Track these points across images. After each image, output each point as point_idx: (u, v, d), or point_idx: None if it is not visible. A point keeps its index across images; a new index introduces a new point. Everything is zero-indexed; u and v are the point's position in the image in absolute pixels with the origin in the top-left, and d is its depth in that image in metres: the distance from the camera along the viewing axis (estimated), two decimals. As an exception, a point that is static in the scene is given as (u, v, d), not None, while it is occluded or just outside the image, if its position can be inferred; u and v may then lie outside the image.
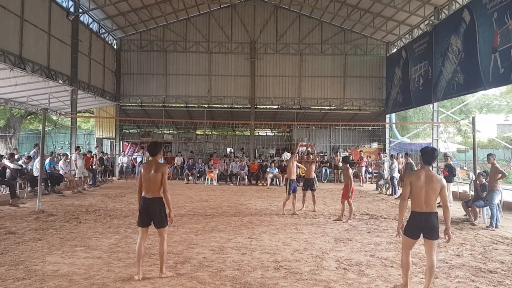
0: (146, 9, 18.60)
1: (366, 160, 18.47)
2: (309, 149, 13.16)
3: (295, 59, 21.16)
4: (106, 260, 5.24)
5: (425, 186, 4.16)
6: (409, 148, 20.16)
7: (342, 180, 18.51)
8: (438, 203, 4.27)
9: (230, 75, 21.11)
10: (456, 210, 9.96)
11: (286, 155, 19.28)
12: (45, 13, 13.62)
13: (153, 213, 4.62)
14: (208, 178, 16.86)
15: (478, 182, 8.76)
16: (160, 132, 23.82)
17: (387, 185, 14.64)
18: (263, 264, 5.23)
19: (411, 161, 13.23)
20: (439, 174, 14.16)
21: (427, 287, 4.23)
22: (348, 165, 8.89)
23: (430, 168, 4.30)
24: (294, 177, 9.61)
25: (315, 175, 11.42)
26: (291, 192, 9.41)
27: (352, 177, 8.79)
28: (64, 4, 15.12)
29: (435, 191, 4.15)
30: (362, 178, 17.66)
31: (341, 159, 17.12)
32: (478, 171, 9.57)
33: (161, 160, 18.41)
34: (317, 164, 17.12)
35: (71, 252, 5.61)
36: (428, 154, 4.30)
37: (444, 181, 4.25)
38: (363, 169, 17.82)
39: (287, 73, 21.17)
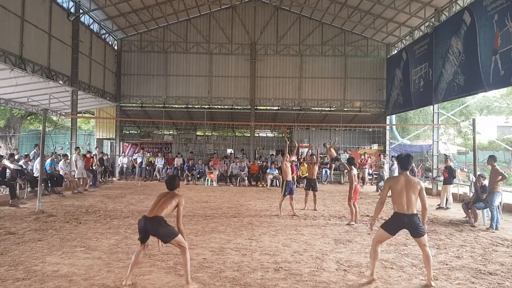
0: (147, 10, 18.61)
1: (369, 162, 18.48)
2: (312, 150, 13.13)
3: (296, 60, 21.16)
4: (106, 261, 5.24)
5: (405, 189, 4.56)
6: (410, 150, 20.16)
7: (342, 181, 18.58)
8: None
9: (231, 76, 21.10)
10: (456, 212, 9.96)
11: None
12: (46, 14, 13.61)
13: (155, 233, 4.32)
14: (208, 179, 16.86)
15: (478, 184, 8.77)
16: (160, 133, 23.84)
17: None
18: (263, 265, 5.23)
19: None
20: (439, 176, 14.22)
21: (429, 275, 4.57)
22: (352, 166, 8.82)
23: (408, 173, 4.71)
24: (290, 178, 9.44)
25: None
26: (286, 193, 9.29)
27: (354, 179, 8.70)
28: (64, 5, 15.10)
29: (415, 193, 4.55)
30: (366, 179, 17.66)
31: (337, 157, 17.15)
32: (478, 172, 9.57)
33: (161, 161, 18.73)
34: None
35: (71, 252, 5.61)
36: (404, 161, 4.77)
37: (422, 183, 4.66)
38: (366, 170, 17.84)
39: (287, 74, 21.15)
